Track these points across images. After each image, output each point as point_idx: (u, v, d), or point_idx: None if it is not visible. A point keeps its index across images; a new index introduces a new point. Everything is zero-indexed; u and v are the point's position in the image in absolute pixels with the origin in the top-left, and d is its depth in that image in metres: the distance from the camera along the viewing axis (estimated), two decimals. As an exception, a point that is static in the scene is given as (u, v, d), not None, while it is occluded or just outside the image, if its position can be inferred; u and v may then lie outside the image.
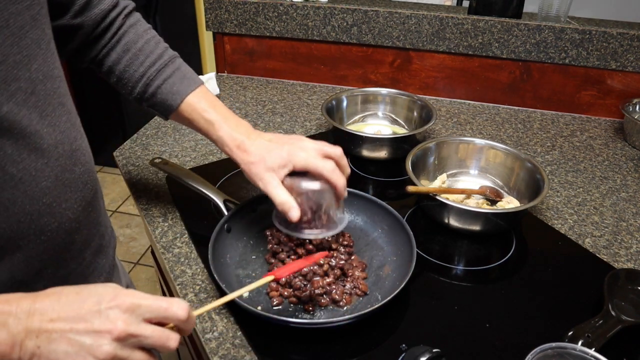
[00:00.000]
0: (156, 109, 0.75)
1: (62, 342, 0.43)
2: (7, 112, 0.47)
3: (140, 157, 1.09)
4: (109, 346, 0.43)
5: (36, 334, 0.43)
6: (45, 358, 0.43)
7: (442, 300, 0.75)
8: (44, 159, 0.52)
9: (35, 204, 0.52)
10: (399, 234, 0.79)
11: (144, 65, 0.72)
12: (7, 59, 0.47)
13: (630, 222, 0.94)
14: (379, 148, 1.06)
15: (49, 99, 0.54)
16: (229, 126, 0.71)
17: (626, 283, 0.74)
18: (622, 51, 1.26)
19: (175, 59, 0.76)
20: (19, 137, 0.49)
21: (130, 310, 0.45)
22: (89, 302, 0.45)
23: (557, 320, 0.72)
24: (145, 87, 0.73)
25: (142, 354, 0.46)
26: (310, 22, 1.40)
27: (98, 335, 0.43)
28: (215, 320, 0.70)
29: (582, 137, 1.25)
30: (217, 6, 1.43)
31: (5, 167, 0.48)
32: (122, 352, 0.44)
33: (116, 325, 0.44)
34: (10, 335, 0.42)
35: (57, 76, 0.56)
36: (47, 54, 0.55)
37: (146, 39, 0.74)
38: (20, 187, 0.50)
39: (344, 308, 0.70)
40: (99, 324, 0.44)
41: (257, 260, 0.78)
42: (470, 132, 1.25)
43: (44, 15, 0.54)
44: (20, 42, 0.49)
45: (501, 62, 1.36)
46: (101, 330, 0.43)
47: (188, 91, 0.73)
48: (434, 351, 0.60)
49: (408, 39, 1.37)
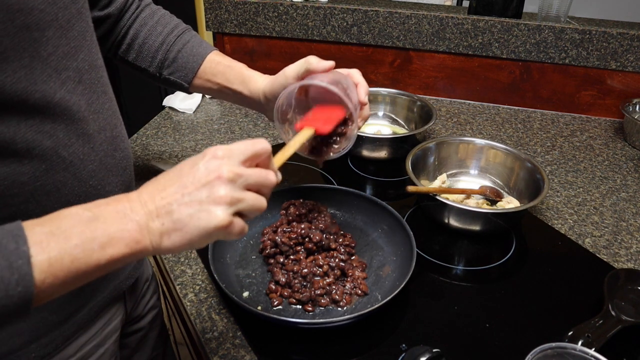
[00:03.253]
0: (177, 75, 0.78)
1: (181, 207, 0.44)
2: (60, 98, 0.50)
3: (140, 157, 1.09)
4: (224, 189, 0.44)
5: (156, 214, 0.44)
6: (174, 230, 0.44)
7: (442, 300, 0.75)
8: (90, 143, 0.55)
9: (83, 186, 0.54)
10: (399, 234, 0.79)
11: (162, 34, 0.77)
12: (56, 50, 0.50)
13: (630, 222, 0.94)
14: (379, 148, 1.06)
15: (93, 87, 0.56)
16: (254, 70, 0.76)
17: (626, 283, 0.74)
18: (622, 51, 1.26)
19: (190, 29, 0.80)
20: (69, 122, 0.52)
21: (224, 156, 0.46)
22: (184, 168, 0.46)
23: (557, 320, 0.72)
24: (166, 54, 0.77)
25: (253, 194, 0.47)
26: (310, 22, 1.40)
27: (209, 185, 0.44)
28: (215, 320, 0.70)
29: (582, 137, 1.25)
30: (217, 6, 1.43)
31: (58, 150, 0.51)
32: (236, 194, 0.45)
33: (221, 170, 0.45)
34: (135, 226, 0.43)
35: (100, 66, 0.59)
36: (92, 45, 0.57)
37: (161, 14, 0.79)
38: (70, 169, 0.53)
39: (344, 308, 0.70)
40: (205, 176, 0.45)
41: (257, 260, 0.78)
42: (470, 132, 1.25)
43: (86, 8, 0.57)
44: (67, 34, 0.52)
45: (501, 62, 1.36)
46: (210, 180, 0.44)
47: (208, 51, 0.78)
48: (434, 351, 0.60)
49: (408, 39, 1.37)
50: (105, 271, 0.43)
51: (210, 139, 1.17)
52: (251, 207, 0.47)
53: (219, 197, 0.44)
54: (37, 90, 0.47)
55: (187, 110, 1.29)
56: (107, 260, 0.42)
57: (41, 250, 0.38)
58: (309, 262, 0.73)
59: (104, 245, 0.41)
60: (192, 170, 0.45)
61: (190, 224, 0.44)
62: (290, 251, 0.75)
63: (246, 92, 0.76)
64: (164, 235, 0.44)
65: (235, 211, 0.45)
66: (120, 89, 2.19)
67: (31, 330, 0.55)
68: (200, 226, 0.44)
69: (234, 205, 0.45)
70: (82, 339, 0.62)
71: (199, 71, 0.77)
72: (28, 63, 0.46)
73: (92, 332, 0.64)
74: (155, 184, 0.46)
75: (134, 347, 0.79)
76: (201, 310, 0.72)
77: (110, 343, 0.67)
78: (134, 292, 0.75)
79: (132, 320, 0.77)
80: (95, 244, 0.41)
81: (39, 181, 0.50)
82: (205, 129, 1.22)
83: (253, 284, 0.74)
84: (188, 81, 0.78)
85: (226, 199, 0.44)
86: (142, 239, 0.43)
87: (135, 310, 0.76)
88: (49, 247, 0.39)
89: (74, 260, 0.40)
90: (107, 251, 0.41)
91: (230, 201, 0.45)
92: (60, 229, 0.40)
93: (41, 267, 0.38)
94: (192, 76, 0.77)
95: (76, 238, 0.40)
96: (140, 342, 0.80)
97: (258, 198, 0.47)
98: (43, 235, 0.39)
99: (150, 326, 0.81)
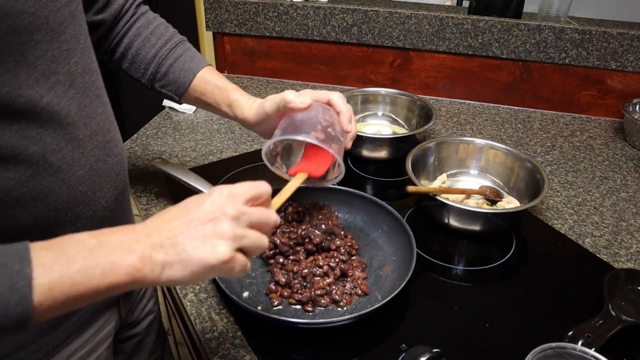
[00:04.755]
0: (168, 88, 0.78)
1: (186, 240, 0.45)
2: (47, 103, 0.49)
3: (140, 157, 1.09)
4: (228, 225, 0.46)
5: (160, 244, 0.45)
6: (177, 261, 0.45)
7: (442, 300, 0.75)
8: (80, 149, 0.54)
9: (71, 192, 0.54)
10: (399, 234, 0.79)
11: (155, 47, 0.77)
12: (45, 53, 0.49)
13: (630, 222, 0.94)
14: (379, 148, 1.06)
15: (86, 92, 0.56)
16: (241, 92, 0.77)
17: (626, 283, 0.74)
18: (622, 51, 1.26)
19: (185, 41, 0.80)
20: (58, 127, 0.51)
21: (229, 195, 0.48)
22: (191, 204, 0.48)
23: (557, 320, 0.72)
24: (158, 67, 0.77)
25: (255, 232, 0.49)
26: (310, 22, 1.40)
27: (214, 220, 0.46)
28: (215, 320, 0.70)
29: (582, 137, 1.25)
30: (217, 6, 1.43)
31: (45, 155, 0.50)
32: (240, 230, 0.47)
33: (226, 208, 0.47)
34: (139, 255, 0.44)
35: (94, 69, 0.59)
36: (85, 49, 0.57)
37: (156, 25, 0.79)
38: (58, 175, 0.52)
39: (344, 308, 0.70)
40: (211, 212, 0.46)
41: (257, 260, 0.78)
42: (470, 132, 1.25)
43: (80, 11, 0.56)
44: (59, 38, 0.51)
45: (501, 62, 1.36)
46: (215, 215, 0.46)
47: (199, 67, 0.78)
48: (434, 351, 0.60)
49: (408, 39, 1.37)
50: (102, 297, 0.43)
51: (210, 139, 1.17)
52: (253, 243, 0.48)
53: (222, 232, 0.45)
54: (22, 95, 0.47)
55: (187, 110, 1.29)
56: (106, 287, 0.42)
57: (44, 273, 0.39)
58: (309, 263, 0.73)
59: (105, 272, 0.42)
60: (198, 207, 0.47)
61: (193, 256, 0.45)
62: (290, 251, 0.75)
63: (232, 115, 0.77)
64: (166, 266, 0.45)
65: (238, 247, 0.47)
66: (120, 89, 2.19)
67: (20, 336, 0.55)
68: (202, 258, 0.45)
69: (236, 241, 0.46)
70: (73, 345, 0.61)
71: (189, 88, 0.77)
72: (12, 67, 0.46)
73: (84, 338, 0.63)
74: (162, 217, 0.47)
75: (130, 352, 0.78)
76: (201, 310, 0.72)
77: (103, 349, 0.66)
78: (129, 297, 0.74)
79: (127, 325, 0.76)
80: (97, 271, 0.41)
81: (25, 187, 0.50)
82: (205, 129, 1.22)
83: (253, 284, 0.74)
84: (179, 95, 0.78)
85: (229, 235, 0.46)
86: (142, 268, 0.43)
87: (131, 316, 0.75)
88: (51, 271, 0.40)
89: (74, 284, 0.40)
90: (107, 278, 0.42)
91: (234, 237, 0.46)
92: (65, 253, 0.41)
93: (41, 290, 0.39)
94: (183, 91, 0.78)
95: (79, 263, 0.41)
96: (136, 347, 0.79)
97: (260, 236, 0.49)
98: (47, 259, 0.40)
99: (147, 331, 0.80)
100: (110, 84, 0.78)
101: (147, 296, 0.80)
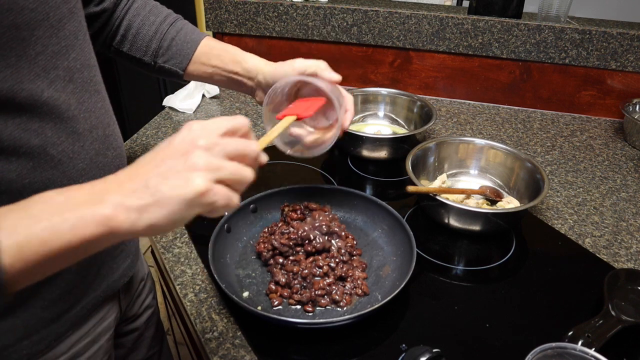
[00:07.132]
0: (172, 62, 0.79)
1: (158, 179, 0.42)
2: (47, 97, 0.50)
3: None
4: (201, 156, 0.43)
5: (132, 190, 0.42)
6: (153, 203, 0.42)
7: (442, 300, 0.75)
8: (80, 142, 0.55)
9: (72, 184, 0.54)
10: (399, 234, 0.79)
11: (155, 23, 0.78)
12: (46, 49, 0.50)
13: (630, 222, 0.94)
14: (379, 148, 1.06)
15: (85, 87, 0.57)
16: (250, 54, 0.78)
17: (626, 283, 0.74)
18: (622, 51, 1.26)
19: (181, 18, 0.82)
20: (58, 120, 0.52)
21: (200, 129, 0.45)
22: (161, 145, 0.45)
23: (557, 320, 0.72)
24: (160, 42, 0.78)
25: (234, 163, 0.46)
26: (310, 22, 1.40)
27: (185, 154, 0.44)
28: (215, 320, 0.70)
29: (582, 137, 1.25)
30: (217, 6, 1.43)
31: (46, 148, 0.51)
32: (214, 160, 0.44)
33: (197, 140, 0.44)
34: (110, 204, 0.41)
35: (93, 65, 0.59)
36: (84, 44, 0.57)
37: (152, 4, 0.81)
38: (59, 167, 0.53)
39: (344, 308, 0.70)
40: (181, 148, 0.44)
41: (257, 260, 0.78)
42: (470, 132, 1.25)
43: (79, 8, 0.57)
44: (58, 34, 0.52)
45: (501, 62, 1.36)
46: (186, 149, 0.44)
47: (201, 37, 0.80)
48: (434, 351, 0.60)
49: (408, 39, 1.37)
50: (81, 254, 0.42)
51: (210, 139, 1.17)
52: (232, 174, 0.45)
53: (195, 163, 0.43)
54: (24, 89, 0.48)
55: (187, 110, 1.29)
56: (80, 242, 0.40)
57: (8, 235, 0.38)
58: (309, 263, 0.73)
59: (75, 226, 0.40)
60: (168, 146, 0.45)
61: (168, 194, 0.42)
62: (289, 252, 0.75)
63: (240, 71, 0.77)
64: (142, 211, 0.42)
65: (215, 179, 0.44)
66: (120, 89, 2.19)
67: (22, 327, 0.55)
68: (179, 195, 0.42)
69: (212, 172, 0.44)
70: (74, 336, 0.62)
71: (193, 57, 0.78)
72: (14, 62, 0.46)
73: (84, 329, 0.63)
74: (133, 165, 0.45)
75: (130, 346, 0.79)
76: (201, 310, 0.72)
77: (104, 341, 0.67)
78: (129, 290, 0.75)
79: (127, 319, 0.77)
80: (66, 226, 0.40)
81: (27, 179, 0.50)
82: (205, 129, 1.22)
83: (253, 284, 0.74)
84: (182, 68, 0.79)
85: (202, 166, 0.43)
86: (116, 217, 0.41)
87: (130, 310, 0.76)
88: (16, 232, 0.39)
89: (43, 243, 0.39)
90: (79, 232, 0.40)
91: (208, 167, 0.43)
92: (29, 213, 0.40)
93: (10, 252, 0.38)
94: (187, 63, 0.79)
95: (45, 221, 0.40)
96: (136, 341, 0.80)
97: (240, 167, 0.46)
98: (11, 220, 0.39)
99: (145, 326, 0.81)
100: (110, 84, 0.78)
101: (146, 290, 0.81)
